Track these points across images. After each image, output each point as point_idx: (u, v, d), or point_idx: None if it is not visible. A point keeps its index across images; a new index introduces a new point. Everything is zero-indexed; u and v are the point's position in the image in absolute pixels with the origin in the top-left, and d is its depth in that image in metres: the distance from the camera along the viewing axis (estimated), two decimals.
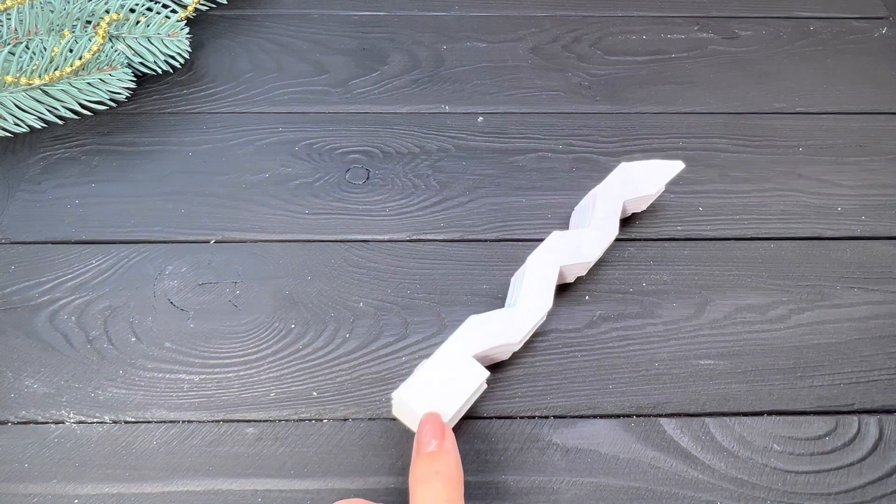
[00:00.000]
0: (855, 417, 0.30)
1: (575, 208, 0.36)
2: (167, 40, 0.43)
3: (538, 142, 0.40)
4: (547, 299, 0.31)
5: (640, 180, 0.35)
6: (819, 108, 0.43)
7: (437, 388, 0.27)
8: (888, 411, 0.31)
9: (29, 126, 0.40)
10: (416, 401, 0.27)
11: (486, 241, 0.36)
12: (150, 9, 0.44)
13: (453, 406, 0.27)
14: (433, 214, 0.37)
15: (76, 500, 0.28)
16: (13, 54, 0.39)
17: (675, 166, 0.36)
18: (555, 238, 0.32)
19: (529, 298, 0.31)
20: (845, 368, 0.32)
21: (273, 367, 0.31)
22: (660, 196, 0.37)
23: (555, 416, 0.30)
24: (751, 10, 0.49)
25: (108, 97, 0.41)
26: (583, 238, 0.33)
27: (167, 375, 0.31)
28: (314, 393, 0.31)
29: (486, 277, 0.35)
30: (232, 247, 0.36)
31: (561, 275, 0.32)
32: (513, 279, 0.33)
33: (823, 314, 0.34)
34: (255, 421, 0.30)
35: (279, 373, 0.31)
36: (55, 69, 0.39)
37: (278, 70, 0.44)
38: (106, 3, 0.43)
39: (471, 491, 0.28)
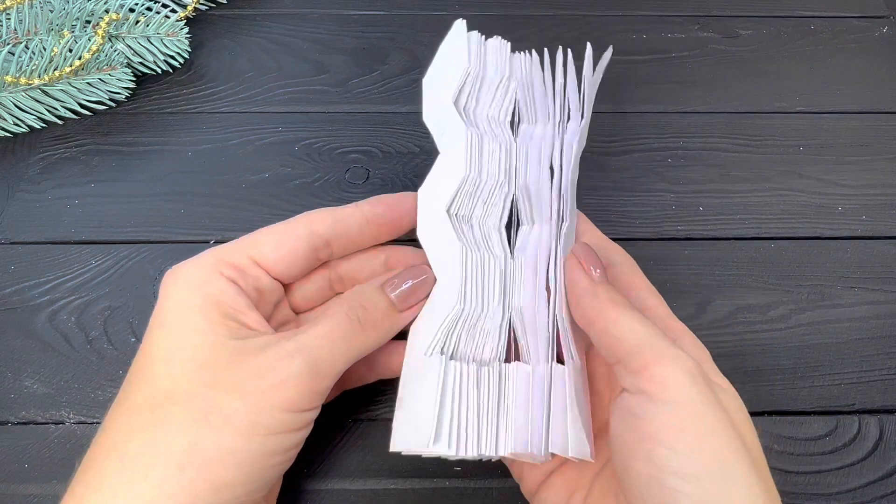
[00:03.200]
0: (855, 417, 0.30)
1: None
2: (167, 40, 0.43)
3: None
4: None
5: None
6: (820, 108, 0.43)
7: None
8: (888, 411, 0.31)
9: (28, 126, 0.40)
10: None
11: None
12: (149, 8, 0.44)
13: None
14: None
15: None
16: (13, 54, 0.39)
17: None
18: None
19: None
20: (846, 368, 0.32)
21: None
22: (660, 196, 0.37)
23: None
24: (751, 9, 0.49)
25: (107, 97, 0.41)
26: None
27: None
28: None
29: None
30: None
31: None
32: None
33: (824, 314, 0.34)
34: None
35: None
36: (55, 69, 0.39)
37: (278, 70, 0.44)
38: (105, 3, 0.43)
39: None
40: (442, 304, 0.25)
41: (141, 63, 0.43)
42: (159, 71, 0.43)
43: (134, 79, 0.42)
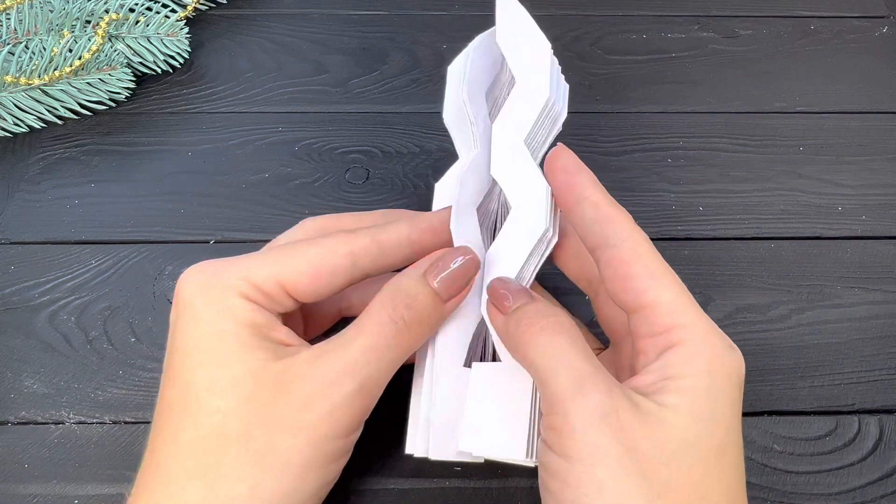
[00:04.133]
0: (855, 417, 0.30)
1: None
2: (167, 40, 0.43)
3: None
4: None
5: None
6: (820, 108, 0.43)
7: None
8: (888, 411, 0.31)
9: (28, 126, 0.40)
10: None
11: None
12: (149, 8, 0.44)
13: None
14: None
15: (76, 501, 0.28)
16: (13, 54, 0.39)
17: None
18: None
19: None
20: (846, 368, 0.32)
21: None
22: (660, 196, 0.37)
23: None
24: (751, 8, 0.49)
25: (107, 97, 0.41)
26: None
27: None
28: None
29: None
30: (232, 247, 0.36)
31: None
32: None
33: (824, 314, 0.34)
34: None
35: None
36: (55, 69, 0.39)
37: (278, 70, 0.44)
38: (105, 3, 0.43)
39: None
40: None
41: (141, 63, 0.43)
42: (159, 71, 0.43)
43: (134, 79, 0.42)
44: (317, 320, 0.28)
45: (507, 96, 0.26)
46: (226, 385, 0.21)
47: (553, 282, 0.30)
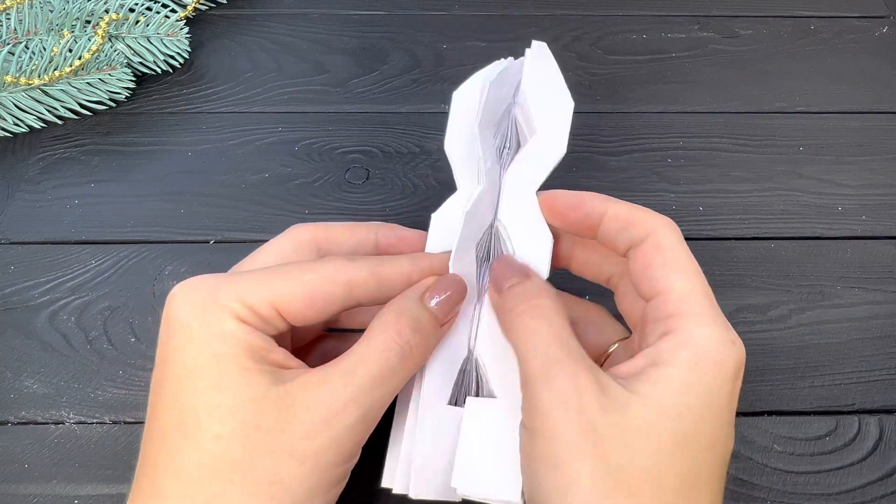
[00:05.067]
0: (855, 417, 0.30)
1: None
2: (167, 40, 0.43)
3: None
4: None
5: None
6: (820, 108, 0.43)
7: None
8: (888, 411, 0.31)
9: (28, 126, 0.40)
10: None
11: None
12: (149, 8, 0.44)
13: None
14: None
15: (76, 501, 0.28)
16: (13, 54, 0.39)
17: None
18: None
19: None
20: (845, 368, 0.32)
21: None
22: (660, 196, 0.37)
23: None
24: (751, 9, 0.49)
25: (107, 97, 0.41)
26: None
27: None
28: None
29: None
30: (231, 247, 0.36)
31: None
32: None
33: (824, 314, 0.34)
34: None
35: None
36: (55, 69, 0.39)
37: (278, 70, 0.44)
38: (105, 3, 0.43)
39: None
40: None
41: (141, 63, 0.43)
42: (159, 71, 0.43)
43: (134, 79, 0.42)
44: (300, 333, 0.27)
45: (519, 141, 0.27)
46: (226, 411, 0.20)
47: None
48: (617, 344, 0.26)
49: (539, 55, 0.27)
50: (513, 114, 0.28)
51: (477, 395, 0.25)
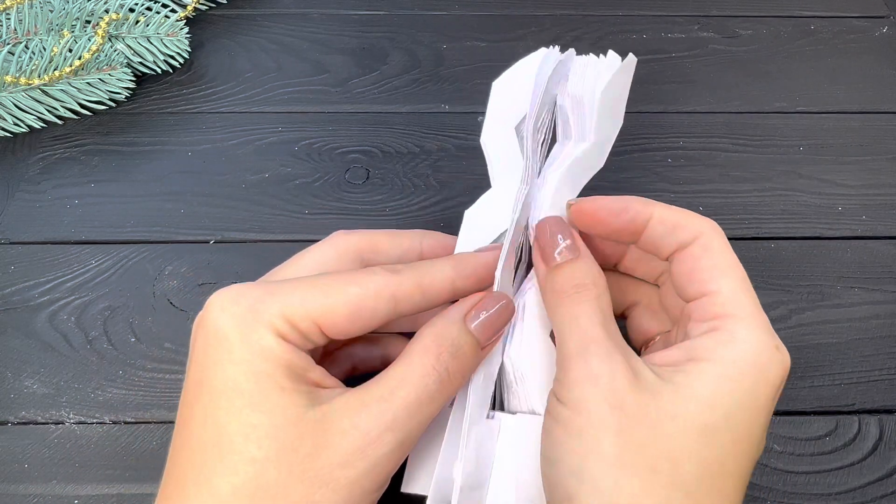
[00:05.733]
0: (855, 417, 0.30)
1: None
2: (166, 40, 0.43)
3: None
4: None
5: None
6: (820, 108, 0.43)
7: None
8: (888, 411, 0.31)
9: (28, 126, 0.40)
10: None
11: None
12: (149, 8, 0.44)
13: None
14: (433, 214, 0.37)
15: (76, 501, 0.28)
16: (13, 54, 0.39)
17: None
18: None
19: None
20: (845, 368, 0.32)
21: None
22: (660, 196, 0.37)
23: None
24: (751, 9, 0.49)
25: (107, 97, 0.41)
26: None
27: (167, 376, 0.31)
28: None
29: None
30: (231, 247, 0.36)
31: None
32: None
33: (824, 314, 0.34)
34: None
35: None
36: (55, 69, 0.39)
37: (278, 70, 0.44)
38: (105, 3, 0.43)
39: None
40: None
41: (141, 63, 0.43)
42: (159, 71, 0.43)
43: (134, 79, 0.42)
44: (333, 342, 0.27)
45: (559, 131, 0.28)
46: (263, 434, 0.20)
47: None
48: (659, 336, 0.26)
49: (627, 69, 0.26)
50: (559, 103, 0.27)
51: (498, 400, 0.25)
